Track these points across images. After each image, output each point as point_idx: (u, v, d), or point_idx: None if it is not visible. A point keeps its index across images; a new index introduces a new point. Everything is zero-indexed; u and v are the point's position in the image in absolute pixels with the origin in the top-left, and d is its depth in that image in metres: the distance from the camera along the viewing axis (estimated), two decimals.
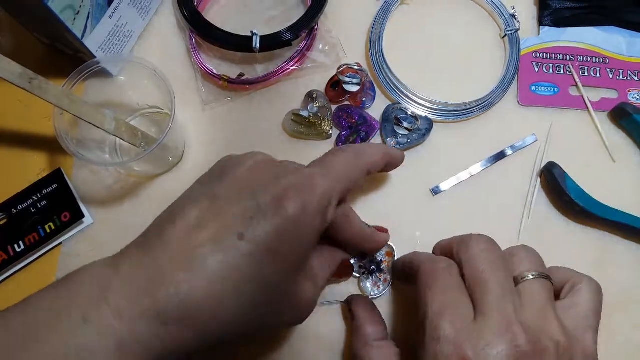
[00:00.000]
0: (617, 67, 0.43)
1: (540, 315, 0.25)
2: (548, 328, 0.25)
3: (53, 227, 0.38)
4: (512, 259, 0.28)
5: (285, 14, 0.45)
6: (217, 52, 0.44)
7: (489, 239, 0.29)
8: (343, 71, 0.41)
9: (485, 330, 0.24)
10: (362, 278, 0.37)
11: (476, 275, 0.26)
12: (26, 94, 0.31)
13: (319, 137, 0.41)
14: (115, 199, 0.40)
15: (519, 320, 0.24)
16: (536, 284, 0.27)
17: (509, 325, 0.24)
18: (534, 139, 0.41)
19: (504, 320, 0.24)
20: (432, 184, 0.40)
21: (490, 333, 0.24)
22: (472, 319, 0.25)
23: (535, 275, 0.27)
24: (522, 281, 0.27)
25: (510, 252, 0.29)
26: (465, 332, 0.24)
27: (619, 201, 0.38)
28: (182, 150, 0.41)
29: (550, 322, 0.25)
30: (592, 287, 0.28)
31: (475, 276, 0.26)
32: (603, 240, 0.39)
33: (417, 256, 0.32)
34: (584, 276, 0.29)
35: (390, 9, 0.44)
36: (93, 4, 0.37)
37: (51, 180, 0.40)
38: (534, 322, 0.25)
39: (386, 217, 0.39)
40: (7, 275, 0.38)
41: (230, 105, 0.43)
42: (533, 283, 0.27)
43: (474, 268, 0.27)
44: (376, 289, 0.37)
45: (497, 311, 0.25)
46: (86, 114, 0.33)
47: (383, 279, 0.37)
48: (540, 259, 0.29)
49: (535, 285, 0.27)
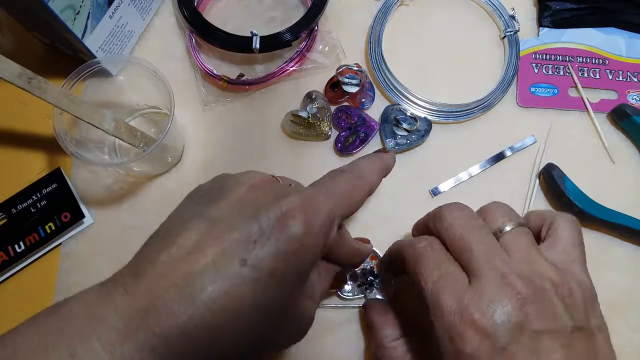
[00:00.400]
0: (617, 68, 0.43)
1: (528, 260, 0.26)
2: (539, 270, 0.26)
3: (53, 227, 0.38)
4: (486, 216, 0.29)
5: (285, 14, 0.45)
6: (217, 53, 0.44)
7: (460, 204, 0.29)
8: (342, 72, 0.41)
9: (483, 289, 0.24)
10: (367, 294, 0.37)
11: (458, 242, 0.27)
12: (26, 93, 0.31)
13: (318, 138, 0.41)
14: (114, 199, 0.40)
15: (511, 270, 0.25)
16: (515, 233, 0.27)
17: (503, 277, 0.25)
18: (533, 140, 0.41)
19: (497, 274, 0.25)
20: (431, 185, 0.40)
21: (489, 291, 0.24)
22: (467, 284, 0.25)
23: (512, 225, 0.28)
24: (501, 235, 0.28)
25: (483, 210, 0.30)
26: (466, 298, 0.24)
27: (618, 203, 0.38)
28: (181, 150, 0.41)
29: (539, 264, 0.26)
30: (568, 223, 0.29)
31: (457, 243, 0.27)
32: (602, 242, 0.39)
33: (398, 244, 0.32)
34: (557, 214, 0.30)
35: (389, 10, 0.44)
36: (93, 4, 0.38)
37: (51, 180, 0.40)
38: (525, 267, 0.26)
39: (385, 218, 0.39)
40: (7, 275, 0.38)
41: (230, 106, 0.43)
42: (512, 234, 0.27)
43: (453, 236, 0.27)
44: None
45: (488, 269, 0.25)
46: (85, 114, 0.33)
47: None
48: (512, 210, 0.30)
49: (514, 234, 0.27)
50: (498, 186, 0.40)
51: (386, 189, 0.40)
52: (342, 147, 0.40)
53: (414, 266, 0.28)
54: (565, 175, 0.39)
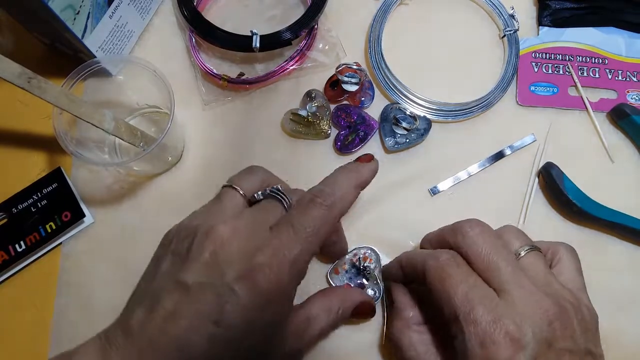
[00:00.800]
0: (616, 67, 0.43)
1: (547, 282, 0.28)
2: (558, 292, 0.27)
3: (54, 227, 0.38)
4: (502, 237, 0.30)
5: (285, 13, 0.45)
6: (217, 52, 0.44)
7: (478, 221, 0.30)
8: (342, 70, 0.41)
9: (515, 304, 0.26)
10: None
11: (483, 259, 0.28)
12: (26, 93, 0.31)
13: (317, 137, 0.41)
14: (114, 199, 0.40)
15: (537, 289, 0.27)
16: (532, 256, 0.29)
17: (531, 295, 0.26)
18: (532, 139, 0.41)
19: (526, 292, 0.26)
20: (431, 184, 0.40)
21: (520, 306, 0.26)
22: (497, 297, 0.27)
23: (527, 249, 0.30)
24: (518, 257, 0.29)
25: (499, 234, 0.31)
26: (499, 310, 0.26)
27: (617, 202, 0.38)
28: (182, 149, 0.42)
29: (557, 286, 0.28)
30: (571, 253, 0.31)
31: (482, 260, 0.28)
32: (601, 241, 0.39)
33: (415, 255, 0.32)
34: (559, 244, 0.32)
35: (389, 8, 0.44)
36: (93, 4, 0.38)
37: (51, 179, 0.40)
38: (546, 289, 0.27)
39: (384, 217, 0.40)
40: (7, 275, 0.38)
41: (230, 105, 0.43)
42: (529, 256, 0.29)
43: (478, 252, 0.28)
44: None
45: (516, 286, 0.26)
46: (85, 114, 0.34)
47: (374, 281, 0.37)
48: (525, 235, 0.31)
49: (531, 257, 0.29)
50: (497, 185, 0.40)
51: (385, 188, 0.40)
52: (341, 145, 0.41)
53: (439, 278, 0.28)
54: (564, 174, 0.39)
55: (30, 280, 0.39)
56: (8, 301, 0.38)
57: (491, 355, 0.25)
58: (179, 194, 0.40)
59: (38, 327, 0.38)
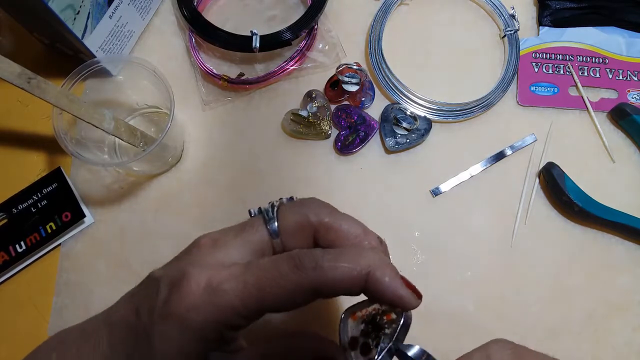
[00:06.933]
0: (617, 67, 0.43)
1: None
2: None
3: (54, 227, 0.38)
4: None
5: (285, 13, 0.45)
6: (217, 52, 0.44)
7: (509, 343, 0.25)
8: (342, 71, 0.41)
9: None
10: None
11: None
12: (26, 93, 0.31)
13: (318, 137, 0.41)
14: (114, 199, 0.40)
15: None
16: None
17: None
18: (533, 139, 0.41)
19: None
20: (432, 184, 0.40)
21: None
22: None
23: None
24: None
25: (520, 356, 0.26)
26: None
27: (618, 201, 0.38)
28: (181, 150, 0.41)
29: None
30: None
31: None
32: (602, 241, 0.39)
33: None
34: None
35: (389, 9, 0.44)
36: (93, 4, 0.38)
37: (51, 179, 0.40)
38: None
39: (385, 219, 0.39)
40: (8, 275, 0.38)
41: (230, 105, 0.43)
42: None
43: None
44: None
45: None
46: (85, 114, 0.33)
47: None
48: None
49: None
50: (498, 185, 0.40)
51: (386, 189, 0.40)
52: (342, 146, 0.40)
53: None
54: (565, 174, 0.39)
55: (30, 280, 0.39)
56: (8, 301, 0.38)
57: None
58: (179, 194, 0.40)
59: (38, 327, 0.38)
